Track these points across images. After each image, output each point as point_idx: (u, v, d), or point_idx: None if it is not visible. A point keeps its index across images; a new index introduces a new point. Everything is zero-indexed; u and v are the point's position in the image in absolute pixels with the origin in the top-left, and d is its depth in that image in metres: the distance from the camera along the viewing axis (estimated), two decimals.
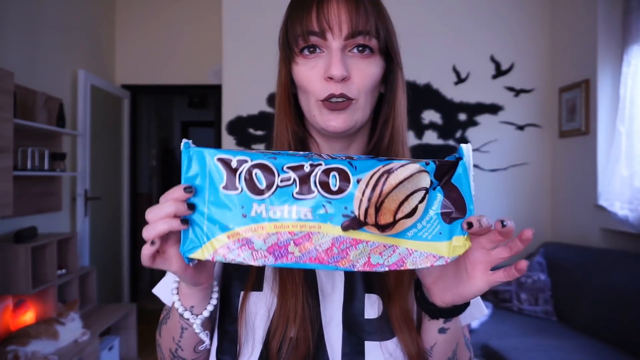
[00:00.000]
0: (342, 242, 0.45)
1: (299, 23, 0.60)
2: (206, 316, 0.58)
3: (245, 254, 0.45)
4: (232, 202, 0.46)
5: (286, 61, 0.63)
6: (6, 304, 2.39)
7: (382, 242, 0.46)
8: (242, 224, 0.45)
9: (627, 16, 2.46)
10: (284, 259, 0.45)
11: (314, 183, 0.45)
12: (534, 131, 3.18)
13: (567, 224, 3.00)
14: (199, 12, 3.94)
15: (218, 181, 0.46)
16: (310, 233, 0.45)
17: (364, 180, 0.45)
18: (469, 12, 3.19)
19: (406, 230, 0.46)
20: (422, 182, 0.46)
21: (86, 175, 3.38)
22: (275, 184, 0.45)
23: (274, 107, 2.65)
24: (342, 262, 0.45)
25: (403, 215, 0.46)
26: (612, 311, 2.18)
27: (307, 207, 0.45)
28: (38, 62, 2.85)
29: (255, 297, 0.62)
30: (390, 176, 0.46)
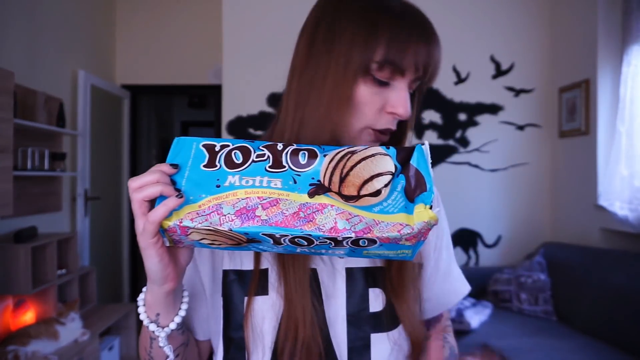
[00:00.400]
0: (308, 208, 0.47)
1: (395, 52, 0.56)
2: (172, 328, 0.56)
3: (213, 219, 0.47)
4: (209, 176, 0.49)
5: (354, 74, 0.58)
6: (6, 304, 2.39)
7: (348, 210, 0.47)
8: (215, 192, 0.48)
9: (627, 16, 2.46)
10: (250, 222, 0.47)
11: (285, 159, 0.50)
12: (534, 131, 3.18)
13: (567, 224, 3.00)
14: (199, 12, 3.95)
15: (199, 162, 0.51)
16: (279, 199, 0.48)
17: (329, 155, 0.50)
18: (469, 12, 3.19)
19: (372, 206, 0.48)
20: (387, 166, 0.49)
21: (86, 175, 3.38)
22: (251, 159, 0.50)
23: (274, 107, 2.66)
24: (308, 225, 0.46)
25: (367, 193, 0.48)
26: (612, 311, 2.18)
27: (278, 179, 0.49)
28: (38, 62, 2.85)
29: (261, 302, 0.61)
30: (353, 155, 0.50)
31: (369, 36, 0.56)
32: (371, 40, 0.56)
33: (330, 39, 0.58)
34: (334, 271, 0.63)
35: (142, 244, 0.50)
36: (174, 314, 0.57)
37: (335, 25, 0.58)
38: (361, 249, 0.48)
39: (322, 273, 0.63)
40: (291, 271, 0.60)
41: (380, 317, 0.63)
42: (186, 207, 0.48)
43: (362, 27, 0.57)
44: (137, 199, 0.48)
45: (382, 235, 0.46)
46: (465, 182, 3.16)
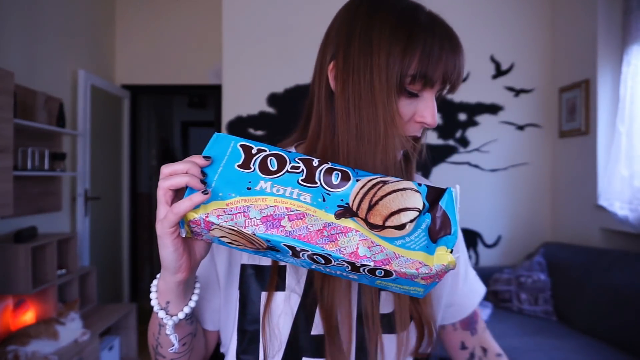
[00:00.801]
0: (333, 228, 0.48)
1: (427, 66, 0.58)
2: (181, 318, 0.57)
3: (239, 220, 0.47)
4: (242, 177, 0.50)
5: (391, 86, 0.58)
6: (6, 304, 2.39)
7: (371, 238, 0.47)
8: (245, 194, 0.49)
9: (627, 16, 2.46)
10: (274, 230, 0.47)
11: (318, 176, 0.51)
12: (534, 131, 3.18)
13: (567, 224, 3.00)
14: (199, 12, 3.95)
15: (235, 161, 0.51)
16: (306, 214, 0.48)
17: (362, 181, 0.51)
18: (469, 12, 3.19)
19: (394, 239, 0.48)
20: (415, 202, 0.50)
21: (86, 175, 3.38)
22: (285, 169, 0.51)
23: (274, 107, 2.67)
24: (330, 245, 0.47)
25: (392, 225, 0.49)
26: (612, 311, 2.18)
27: (308, 193, 0.49)
28: (38, 62, 2.85)
29: (278, 298, 0.63)
30: (385, 185, 0.51)
31: (405, 50, 0.57)
32: (407, 54, 0.57)
33: (368, 50, 0.58)
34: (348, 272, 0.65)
35: (159, 232, 0.50)
36: (183, 303, 0.58)
37: (372, 36, 0.58)
38: (375, 278, 0.49)
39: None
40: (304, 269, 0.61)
41: (390, 318, 0.64)
42: (214, 203, 0.48)
43: (398, 41, 0.57)
44: (163, 186, 0.48)
45: (400, 270, 0.47)
46: (465, 182, 3.15)
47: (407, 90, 0.59)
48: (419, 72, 0.58)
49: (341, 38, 0.61)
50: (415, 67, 0.57)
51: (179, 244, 0.51)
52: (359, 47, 0.59)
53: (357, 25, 0.60)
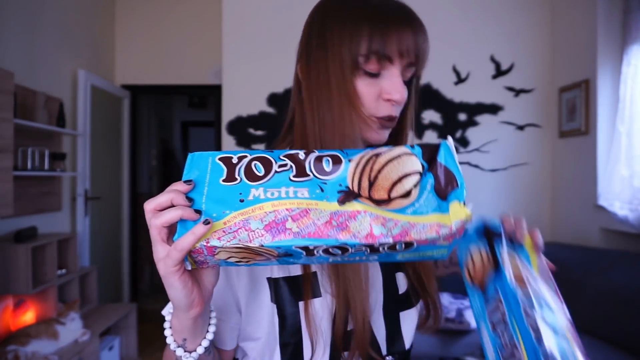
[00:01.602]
0: (340, 216, 0.46)
1: (377, 42, 0.60)
2: (200, 353, 0.55)
3: (242, 235, 0.45)
4: (231, 191, 0.47)
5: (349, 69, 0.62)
6: (6, 304, 2.39)
7: (382, 215, 0.46)
8: (240, 207, 0.46)
9: (627, 16, 2.46)
10: (281, 235, 0.45)
11: (309, 167, 0.48)
12: (534, 131, 3.18)
13: (566, 224, 3.00)
14: (199, 12, 3.95)
15: (218, 176, 0.48)
16: (308, 209, 0.46)
17: (354, 160, 0.49)
18: (469, 12, 3.19)
19: (404, 209, 0.47)
20: (413, 166, 0.48)
21: (86, 175, 3.38)
22: (273, 170, 0.48)
23: (274, 107, 2.67)
24: (343, 233, 0.45)
25: (398, 195, 0.47)
26: (612, 311, 2.18)
27: (304, 188, 0.47)
28: (38, 62, 2.85)
29: (318, 304, 0.63)
30: (379, 157, 0.49)
31: (353, 32, 0.61)
32: (355, 36, 0.61)
33: (323, 43, 0.63)
34: (375, 263, 0.69)
35: (163, 272, 0.47)
36: (201, 337, 0.55)
37: (325, 30, 0.63)
38: (396, 253, 0.47)
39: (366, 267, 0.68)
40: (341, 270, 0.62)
41: (407, 296, 0.70)
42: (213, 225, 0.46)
43: (346, 26, 0.61)
44: (155, 225, 0.45)
45: (420, 238, 0.45)
46: (465, 182, 3.14)
47: (366, 71, 0.61)
48: (370, 49, 0.60)
49: (304, 37, 0.67)
50: (366, 45, 0.60)
51: (187, 280, 0.48)
52: (317, 40, 0.64)
53: (316, 21, 0.65)
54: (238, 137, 3.21)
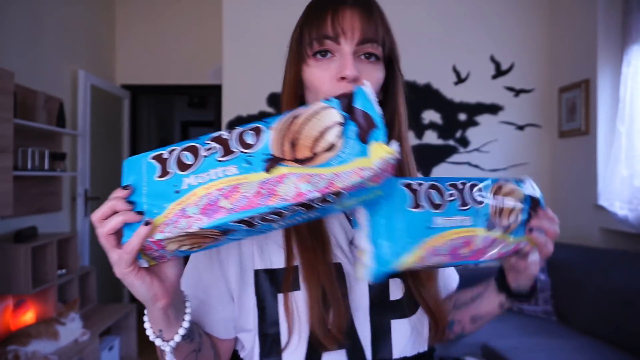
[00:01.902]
0: (268, 183, 0.47)
1: (315, 27, 0.64)
2: (177, 341, 0.58)
3: (182, 224, 0.47)
4: (166, 185, 0.49)
5: (297, 62, 0.67)
6: (6, 304, 2.39)
7: (307, 172, 0.47)
8: (176, 198, 0.48)
9: (627, 16, 2.46)
10: (216, 214, 0.47)
11: (233, 145, 0.49)
12: (534, 131, 3.18)
13: (566, 224, 2.99)
14: (199, 12, 3.95)
15: (153, 174, 0.50)
16: (238, 184, 0.47)
17: (275, 126, 0.49)
18: (468, 12, 3.19)
19: (329, 162, 0.47)
20: (333, 118, 0.49)
21: (86, 175, 3.38)
22: (201, 155, 0.50)
23: (274, 107, 2.68)
24: (272, 199, 0.46)
25: (322, 150, 0.48)
26: (612, 311, 2.18)
27: (232, 166, 0.48)
28: (38, 62, 2.85)
29: (297, 296, 0.64)
30: (297, 118, 0.49)
31: (298, 29, 0.67)
32: (300, 26, 0.67)
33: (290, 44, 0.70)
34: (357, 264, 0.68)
35: (119, 275, 0.50)
36: (176, 327, 0.58)
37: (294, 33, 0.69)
38: (331, 204, 0.49)
39: (347, 266, 0.67)
40: (318, 264, 0.64)
41: (401, 304, 0.68)
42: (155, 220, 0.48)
43: (296, 27, 0.68)
44: (102, 233, 0.48)
45: (346, 185, 0.46)
46: None
47: (315, 54, 0.65)
48: (310, 34, 0.64)
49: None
50: (308, 31, 0.65)
51: (144, 276, 0.51)
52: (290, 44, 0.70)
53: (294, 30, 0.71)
54: None
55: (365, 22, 0.64)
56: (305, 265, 0.64)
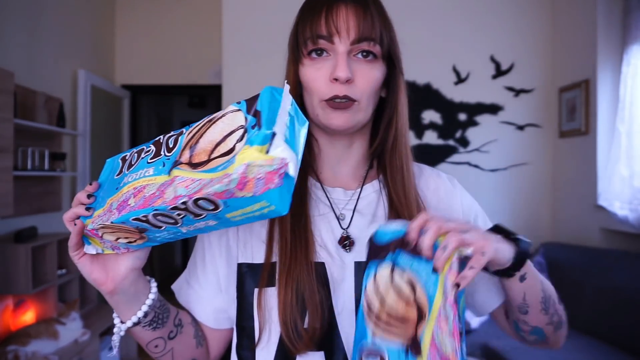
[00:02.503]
0: (164, 185, 0.48)
1: (309, 27, 0.63)
2: (129, 326, 0.62)
3: (105, 217, 0.51)
4: (116, 182, 0.54)
5: (294, 62, 0.67)
6: (6, 304, 2.39)
7: (191, 177, 0.46)
8: (113, 193, 0.53)
9: (627, 16, 2.46)
10: (123, 211, 0.49)
11: (162, 148, 0.52)
12: (534, 131, 3.18)
13: (567, 224, 3.00)
14: (199, 12, 3.94)
15: (114, 173, 0.56)
16: (146, 185, 0.49)
17: (189, 131, 0.51)
18: (469, 12, 3.19)
19: (216, 167, 0.44)
20: (236, 121, 0.47)
21: (86, 175, 3.38)
22: (140, 157, 0.54)
23: None
24: (157, 201, 0.47)
25: (219, 154, 0.45)
26: (612, 311, 2.18)
27: (152, 167, 0.51)
28: (38, 62, 2.85)
29: (270, 293, 0.64)
30: (210, 121, 0.49)
31: (295, 27, 0.67)
32: (296, 24, 0.67)
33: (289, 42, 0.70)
34: (343, 265, 0.66)
35: (71, 257, 0.58)
36: (130, 313, 0.61)
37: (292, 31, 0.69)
38: (218, 213, 0.45)
39: (331, 266, 0.66)
40: (296, 263, 0.63)
41: None
42: (95, 213, 0.53)
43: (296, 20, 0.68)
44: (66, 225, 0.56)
45: (210, 191, 0.42)
46: (465, 182, 3.11)
47: (309, 52, 0.64)
48: (304, 34, 0.64)
49: None
50: (302, 31, 0.64)
51: (84, 262, 0.57)
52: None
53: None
54: None
55: (360, 19, 0.62)
56: (282, 262, 0.64)
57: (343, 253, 0.67)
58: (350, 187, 0.72)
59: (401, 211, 0.67)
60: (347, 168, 0.72)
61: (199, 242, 0.72)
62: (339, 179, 0.72)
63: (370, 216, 0.70)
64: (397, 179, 0.69)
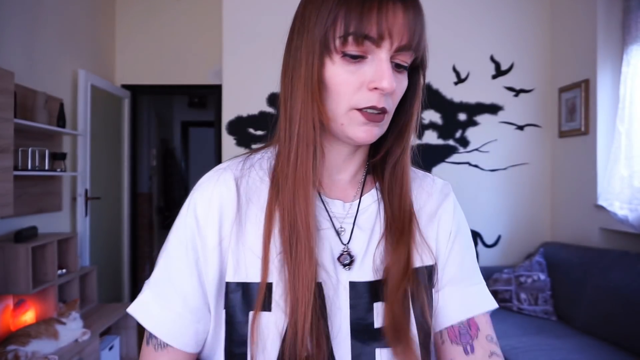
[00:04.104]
0: None
1: (355, 20, 0.53)
2: None
3: None
4: None
5: (319, 54, 0.56)
6: (6, 304, 2.39)
7: None
8: None
9: (627, 16, 2.46)
10: None
11: None
12: (534, 131, 3.18)
13: (566, 224, 3.00)
14: (198, 12, 3.95)
15: None
16: None
17: None
18: (468, 12, 3.19)
19: None
20: None
21: (86, 175, 3.38)
22: None
23: (274, 107, 2.67)
24: None
25: None
26: (612, 311, 2.18)
27: None
28: (38, 62, 2.85)
29: (265, 318, 0.57)
30: None
31: (328, 13, 0.54)
32: (330, 16, 0.54)
33: (302, 30, 0.58)
34: (338, 284, 0.61)
35: None
36: None
37: (304, 14, 0.58)
38: None
39: (327, 287, 0.60)
40: (297, 286, 0.56)
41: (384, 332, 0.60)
42: None
43: (323, 7, 0.55)
44: None
45: None
46: (465, 182, 3.16)
47: (346, 55, 0.54)
48: (347, 30, 0.53)
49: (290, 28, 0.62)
50: (342, 25, 0.53)
51: None
52: (297, 29, 0.59)
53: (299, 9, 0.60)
54: (238, 137, 3.21)
55: (412, 25, 0.54)
56: (282, 283, 0.57)
57: (340, 271, 0.61)
58: (348, 197, 0.66)
59: (396, 226, 0.63)
60: (346, 175, 0.66)
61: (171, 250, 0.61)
62: (336, 187, 0.66)
63: (370, 231, 0.64)
64: (396, 192, 0.64)
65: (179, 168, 6.00)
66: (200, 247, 0.59)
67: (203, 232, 0.59)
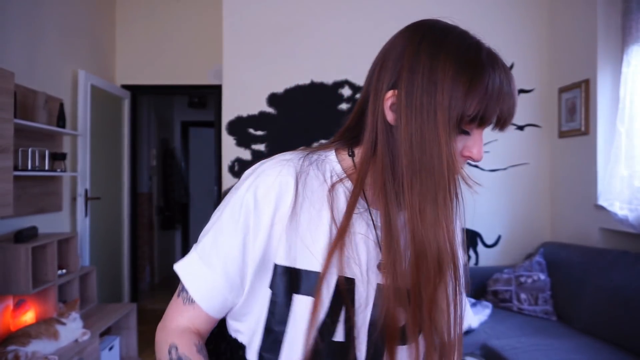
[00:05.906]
0: None
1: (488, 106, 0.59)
2: None
3: None
4: None
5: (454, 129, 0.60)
6: (6, 304, 2.39)
7: None
8: None
9: (627, 16, 2.46)
10: None
11: None
12: (534, 131, 3.18)
13: (566, 224, 3.00)
14: (198, 12, 3.95)
15: None
16: None
17: None
18: (468, 12, 3.19)
19: None
20: None
21: (86, 175, 3.38)
22: None
23: (274, 107, 2.68)
24: None
25: None
26: (612, 311, 2.18)
27: None
28: (38, 62, 2.85)
29: (304, 302, 0.64)
30: None
31: (467, 92, 0.58)
32: (469, 97, 0.59)
33: (432, 92, 0.60)
34: (368, 284, 0.67)
35: None
36: None
37: (436, 78, 0.60)
38: None
39: (359, 283, 0.66)
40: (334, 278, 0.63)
41: (402, 331, 0.66)
42: None
43: (461, 83, 0.59)
44: None
45: None
46: (465, 182, 3.15)
47: (462, 129, 0.61)
48: (478, 113, 0.59)
49: (403, 71, 0.62)
50: (475, 108, 0.59)
51: None
52: (423, 86, 0.60)
53: (419, 61, 0.61)
54: (238, 137, 3.21)
55: (509, 113, 0.63)
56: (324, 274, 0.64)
57: (372, 273, 0.67)
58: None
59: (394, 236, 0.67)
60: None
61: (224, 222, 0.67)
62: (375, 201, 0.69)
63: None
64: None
65: (179, 168, 6.00)
66: (252, 225, 0.64)
67: (259, 211, 0.64)
